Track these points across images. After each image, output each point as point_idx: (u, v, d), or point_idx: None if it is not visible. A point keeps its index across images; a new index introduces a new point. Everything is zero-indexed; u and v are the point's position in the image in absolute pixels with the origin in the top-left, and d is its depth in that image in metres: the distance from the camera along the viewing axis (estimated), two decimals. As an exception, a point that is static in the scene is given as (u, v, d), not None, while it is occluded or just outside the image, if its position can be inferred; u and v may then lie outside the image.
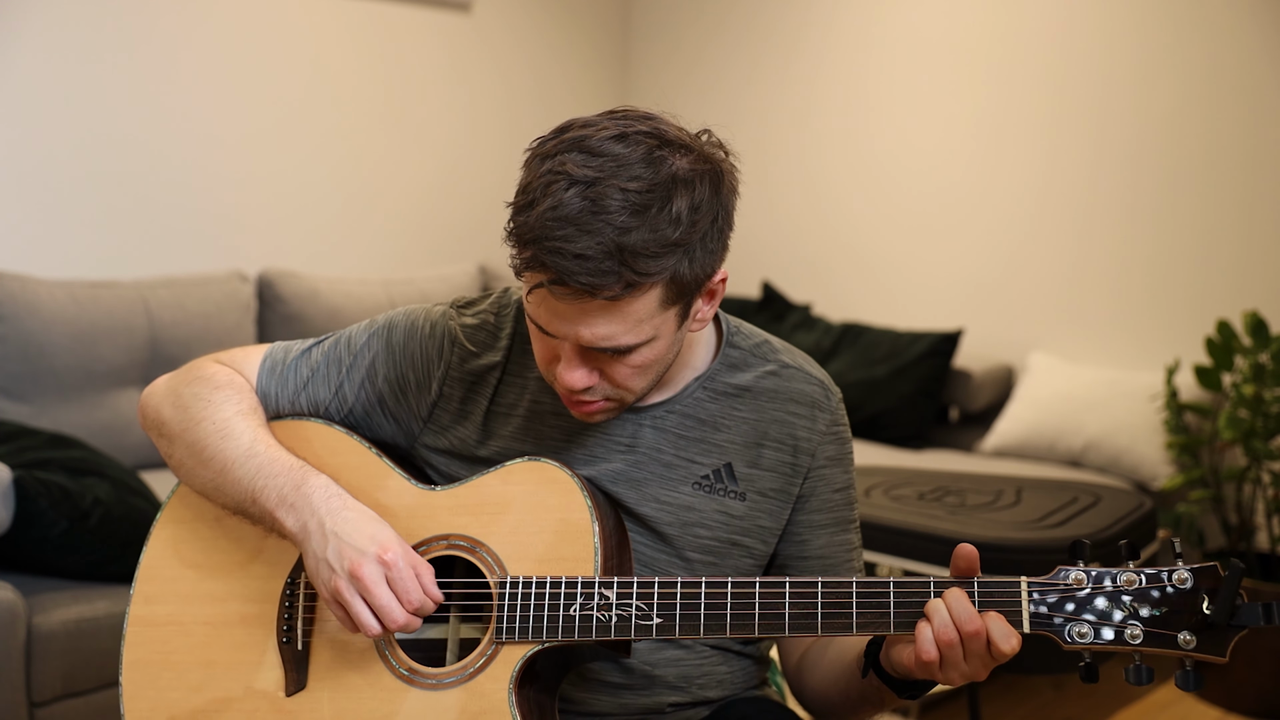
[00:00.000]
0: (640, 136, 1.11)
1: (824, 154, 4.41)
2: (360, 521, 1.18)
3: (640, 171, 1.08)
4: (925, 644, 1.07)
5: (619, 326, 1.12)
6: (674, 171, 1.10)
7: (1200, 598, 1.03)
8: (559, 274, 1.07)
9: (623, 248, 1.06)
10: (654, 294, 1.11)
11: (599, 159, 1.09)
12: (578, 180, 1.07)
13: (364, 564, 1.15)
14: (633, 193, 1.07)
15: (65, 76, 3.33)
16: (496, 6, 4.42)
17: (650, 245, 1.07)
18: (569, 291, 1.08)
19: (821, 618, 1.12)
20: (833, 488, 1.34)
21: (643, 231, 1.07)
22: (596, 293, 1.08)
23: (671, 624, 1.15)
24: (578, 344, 1.13)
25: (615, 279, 1.07)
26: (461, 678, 1.18)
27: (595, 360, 1.16)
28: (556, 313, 1.12)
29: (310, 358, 1.37)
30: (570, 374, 1.15)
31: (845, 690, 1.25)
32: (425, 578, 1.18)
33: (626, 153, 1.09)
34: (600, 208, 1.06)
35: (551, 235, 1.06)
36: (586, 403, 1.20)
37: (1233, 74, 3.45)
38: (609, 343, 1.12)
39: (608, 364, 1.16)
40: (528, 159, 1.14)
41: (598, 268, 1.06)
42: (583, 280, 1.07)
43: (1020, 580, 1.08)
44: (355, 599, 1.15)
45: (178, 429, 1.30)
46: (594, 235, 1.06)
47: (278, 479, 1.22)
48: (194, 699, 1.25)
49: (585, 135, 1.11)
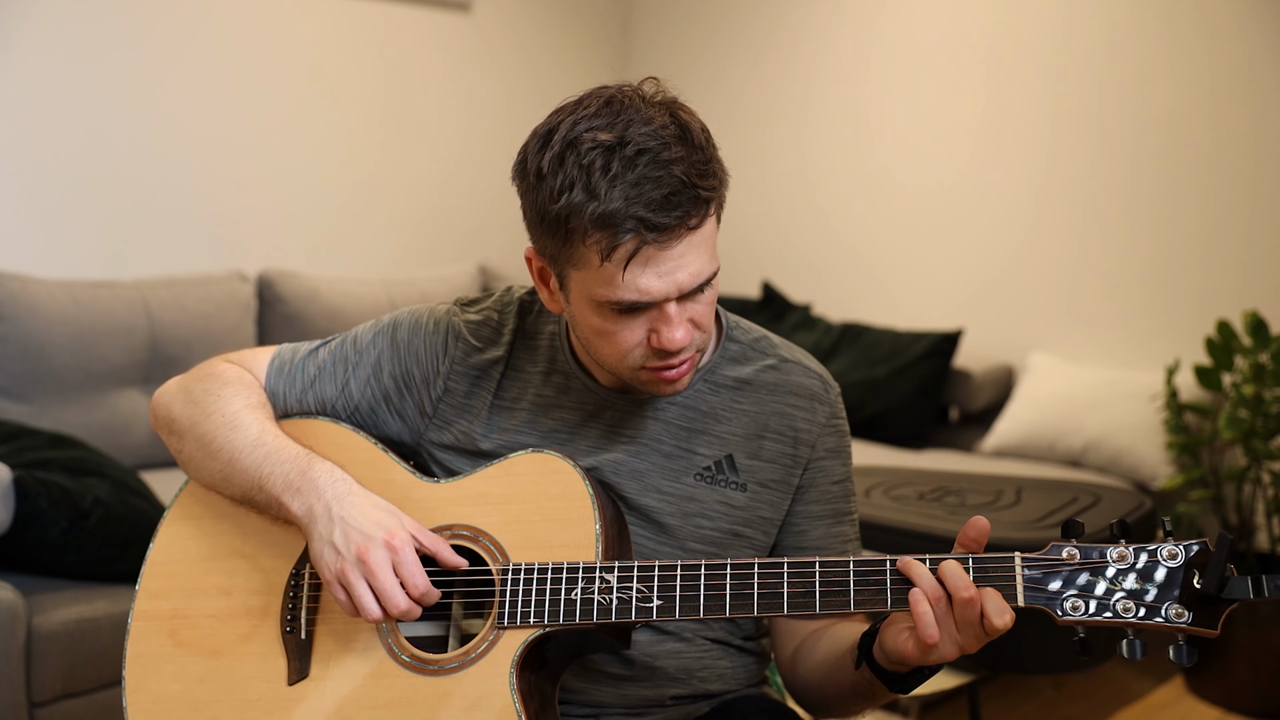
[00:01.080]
0: (615, 96, 1.16)
1: (824, 154, 4.41)
2: (366, 507, 1.20)
3: (649, 114, 1.14)
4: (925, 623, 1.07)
5: (705, 255, 1.16)
6: (665, 104, 1.16)
7: (1191, 572, 1.05)
8: (655, 223, 1.10)
9: (687, 173, 1.12)
10: (713, 212, 1.17)
11: (609, 121, 1.13)
12: (610, 145, 1.12)
13: (371, 548, 1.16)
14: (659, 127, 1.12)
15: (65, 77, 3.33)
16: (496, 6, 4.42)
17: (699, 164, 1.13)
18: (667, 236, 1.12)
19: (820, 595, 1.13)
20: (831, 479, 1.36)
21: (689, 154, 1.13)
22: (687, 221, 1.12)
23: (671, 605, 1.15)
24: (680, 292, 1.15)
25: (696, 203, 1.12)
26: (463, 663, 1.19)
27: (685, 310, 1.18)
28: (657, 270, 1.14)
29: (317, 357, 1.40)
30: (675, 333, 1.17)
31: (838, 682, 1.26)
32: (444, 553, 1.20)
33: (625, 108, 1.14)
34: (646, 151, 1.11)
35: (629, 197, 1.10)
36: (682, 363, 1.21)
37: (1233, 74, 3.45)
38: (703, 276, 1.16)
39: (694, 308, 1.19)
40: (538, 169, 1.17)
41: (682, 199, 1.11)
42: (676, 215, 1.11)
43: (1015, 555, 1.10)
44: (360, 583, 1.16)
45: (187, 424, 1.33)
46: (661, 173, 1.10)
47: (284, 465, 1.24)
48: (197, 690, 1.26)
49: (576, 119, 1.15)
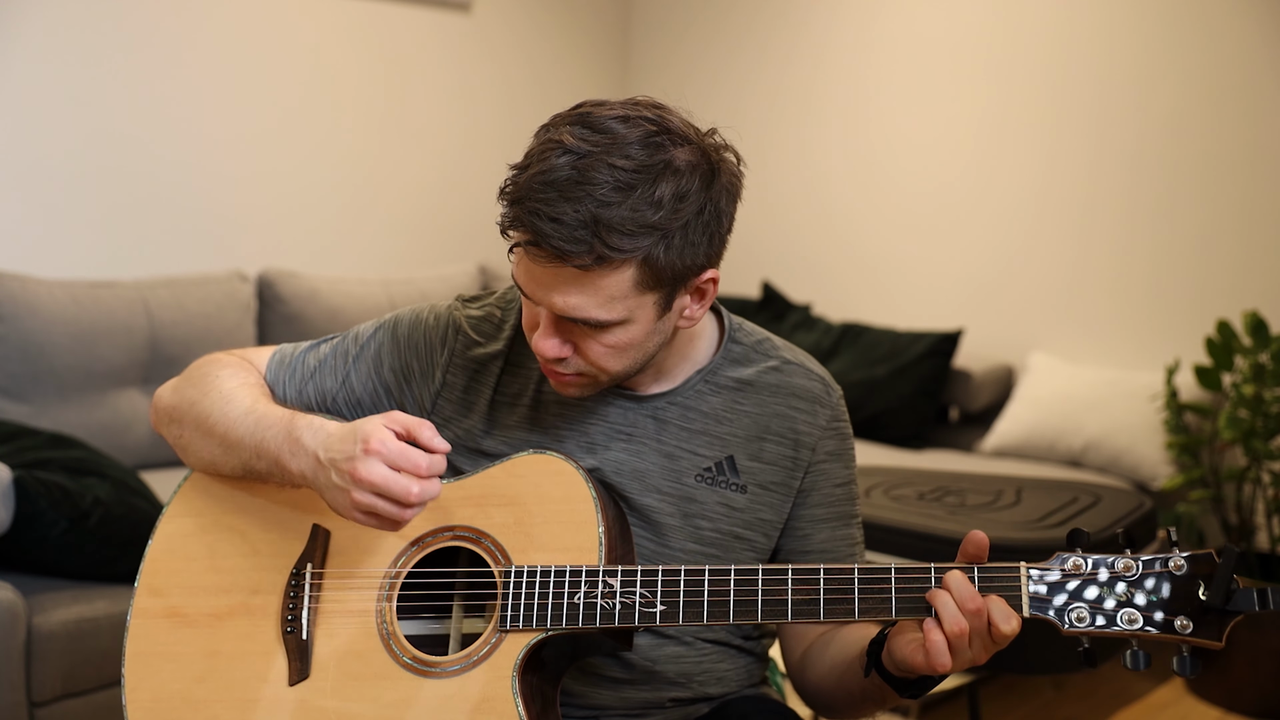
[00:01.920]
0: (643, 121, 1.14)
1: (824, 154, 4.41)
2: (341, 434, 1.18)
3: (633, 152, 1.12)
4: (938, 652, 1.06)
5: (589, 299, 1.14)
6: (668, 159, 1.12)
7: (1196, 584, 1.04)
8: (535, 235, 1.11)
9: (598, 220, 1.09)
10: (627, 273, 1.13)
11: (597, 134, 1.12)
12: (571, 150, 1.11)
13: (359, 465, 1.13)
14: (620, 170, 1.10)
15: (65, 77, 3.33)
16: (496, 6, 4.42)
17: (626, 223, 1.10)
18: (543, 254, 1.12)
19: (824, 604, 1.12)
20: (834, 482, 1.35)
21: (622, 209, 1.10)
22: (567, 260, 1.11)
23: (675, 611, 1.15)
24: (550, 310, 1.16)
25: (586, 249, 1.10)
26: (466, 665, 1.18)
27: (570, 332, 1.19)
28: (533, 276, 1.15)
29: (318, 351, 1.40)
30: (543, 341, 1.19)
31: (847, 687, 1.26)
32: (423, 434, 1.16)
33: (625, 132, 1.13)
34: (585, 179, 1.10)
35: (534, 197, 1.10)
36: (560, 374, 1.23)
37: (1233, 74, 3.45)
38: (579, 314, 1.15)
39: (582, 339, 1.19)
40: (539, 128, 1.18)
41: (571, 235, 1.09)
42: (555, 244, 1.10)
43: (1020, 565, 1.09)
44: (375, 500, 1.14)
45: (186, 405, 1.33)
46: (573, 203, 1.09)
47: (273, 429, 1.24)
48: (196, 689, 1.25)
49: (591, 112, 1.15)
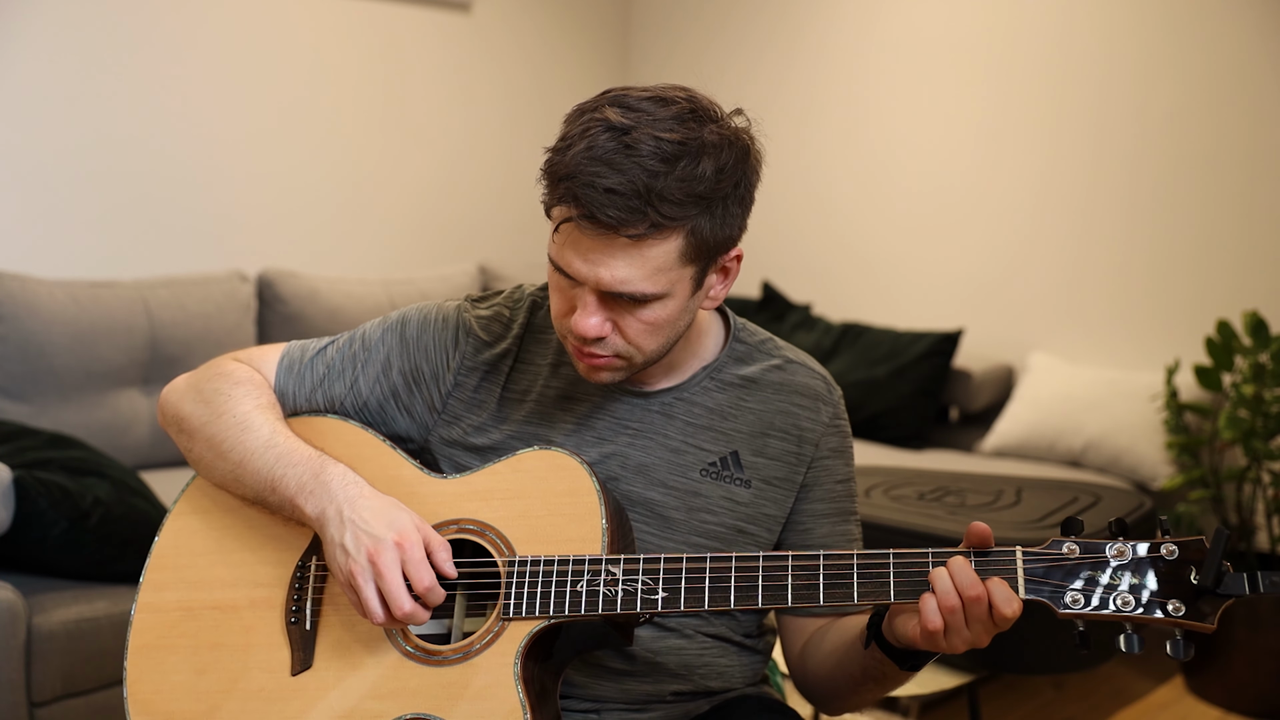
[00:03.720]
0: (676, 100, 1.17)
1: (824, 154, 4.41)
2: (378, 508, 1.20)
3: (673, 126, 1.14)
4: (930, 614, 1.09)
5: (638, 271, 1.15)
6: (703, 135, 1.15)
7: (1188, 568, 1.07)
8: (588, 208, 1.12)
9: (650, 189, 1.11)
10: (674, 243, 1.15)
11: (635, 112, 1.15)
12: (614, 126, 1.13)
13: (381, 550, 1.16)
14: (665, 141, 1.13)
15: (66, 77, 3.33)
16: (496, 6, 4.42)
17: (676, 192, 1.12)
18: (596, 227, 1.13)
19: (824, 589, 1.13)
20: (835, 478, 1.37)
21: (670, 179, 1.12)
22: (621, 229, 1.12)
23: (676, 598, 1.16)
24: (597, 287, 1.16)
25: (641, 217, 1.12)
26: (468, 654, 1.19)
27: (611, 310, 1.19)
28: (581, 251, 1.15)
29: (326, 355, 1.40)
30: (586, 320, 1.18)
31: (848, 669, 1.27)
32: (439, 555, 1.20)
33: (661, 110, 1.15)
34: (633, 150, 1.12)
35: (584, 171, 1.12)
36: (596, 355, 1.22)
37: (1233, 74, 3.45)
38: (627, 287, 1.16)
39: (622, 316, 1.19)
40: (568, 116, 1.19)
41: (625, 204, 1.11)
42: (611, 214, 1.11)
43: (1016, 549, 1.11)
44: (368, 585, 1.16)
45: (198, 423, 1.33)
46: (624, 174, 1.11)
47: (297, 468, 1.25)
48: (199, 681, 1.26)
49: (625, 94, 1.17)
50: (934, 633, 1.09)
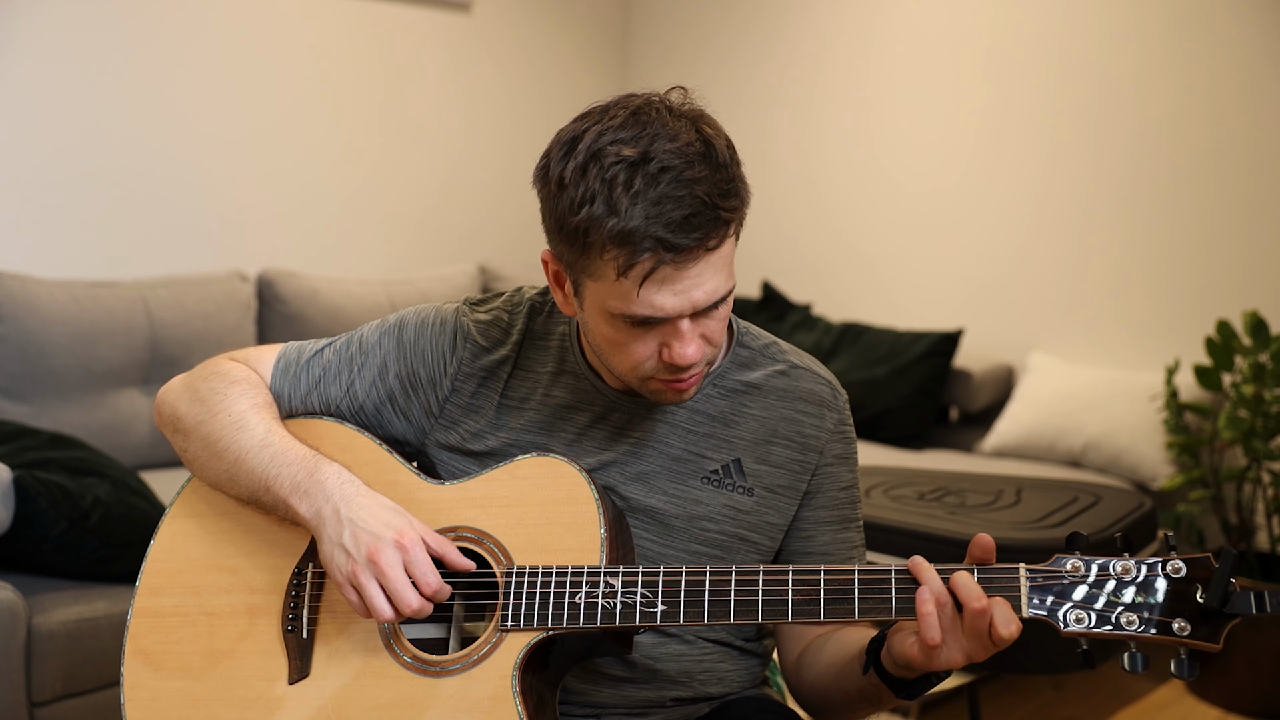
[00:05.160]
0: (643, 108, 1.14)
1: (824, 154, 4.41)
2: (375, 507, 1.20)
3: (675, 128, 1.12)
4: (930, 628, 1.07)
5: (721, 275, 1.15)
6: (691, 117, 1.14)
7: (1194, 586, 1.05)
8: (674, 245, 1.09)
9: (709, 193, 1.10)
10: (731, 235, 1.16)
11: (634, 135, 1.11)
12: (634, 161, 1.10)
13: (382, 549, 1.16)
14: (685, 144, 1.11)
15: (66, 77, 3.33)
16: (496, 6, 4.42)
17: (722, 183, 1.12)
18: (684, 257, 1.11)
19: (824, 604, 1.12)
20: (839, 485, 1.36)
21: (712, 173, 1.11)
22: (706, 243, 1.11)
23: (676, 610, 1.15)
24: (693, 310, 1.15)
25: (716, 224, 1.11)
26: (466, 665, 1.18)
27: (699, 325, 1.18)
28: (673, 289, 1.13)
29: (322, 357, 1.39)
30: (687, 349, 1.17)
31: (844, 687, 1.26)
32: (451, 554, 1.19)
33: (651, 121, 1.12)
34: (669, 169, 1.10)
35: (649, 215, 1.08)
36: (691, 376, 1.21)
37: (1233, 74, 3.45)
38: (718, 295, 1.16)
39: (707, 324, 1.19)
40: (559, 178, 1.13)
41: (702, 220, 1.10)
42: (696, 237, 1.10)
43: (1019, 566, 1.09)
44: (371, 584, 1.16)
45: (193, 423, 1.32)
46: (684, 193, 1.09)
47: (291, 467, 1.24)
48: (196, 688, 1.25)
49: (601, 131, 1.12)
50: (934, 648, 1.08)
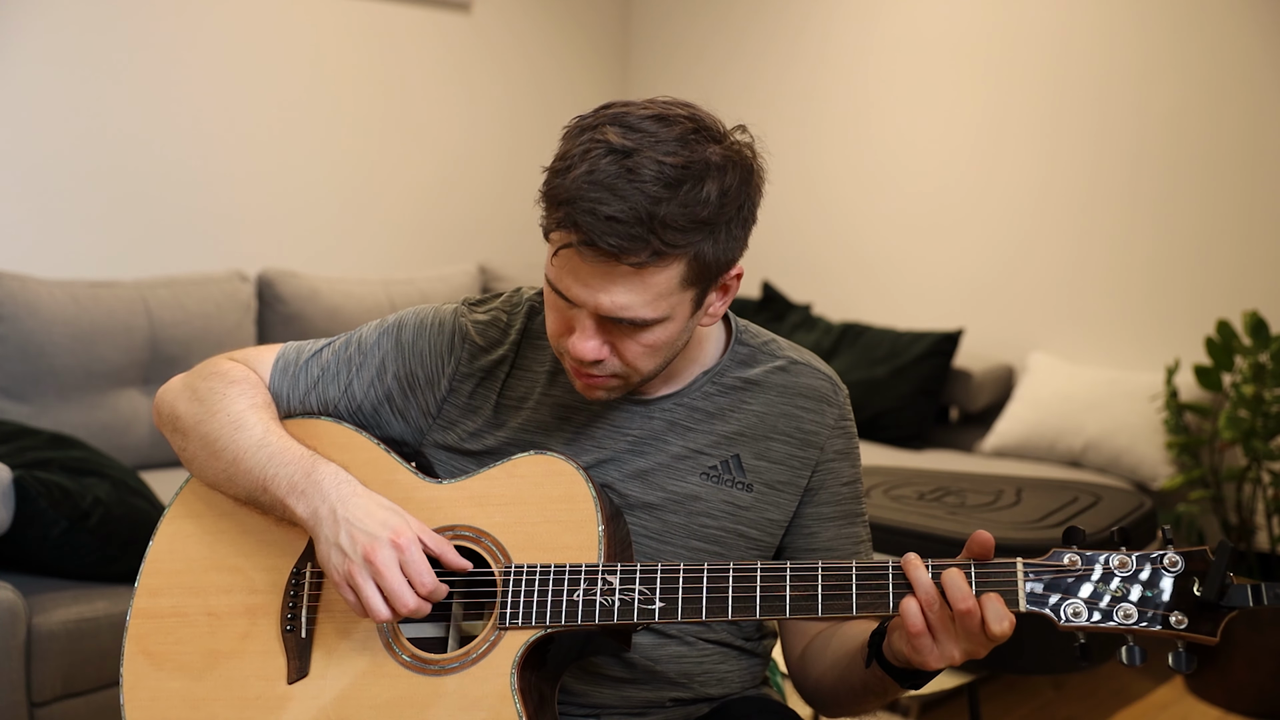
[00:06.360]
0: (679, 119, 1.14)
1: (824, 154, 4.41)
2: (372, 507, 1.20)
3: (676, 149, 1.12)
4: (912, 617, 1.07)
5: (639, 297, 1.13)
6: (707, 156, 1.13)
7: (1191, 580, 1.05)
8: (589, 235, 1.09)
9: (654, 216, 1.09)
10: (676, 270, 1.14)
11: (637, 133, 1.12)
12: (615, 149, 1.10)
13: (378, 548, 1.16)
14: (668, 165, 1.10)
15: (66, 77, 3.33)
16: (496, 6, 4.42)
17: (679, 219, 1.10)
18: (597, 254, 1.10)
19: (822, 600, 1.12)
20: (841, 481, 1.36)
21: (674, 205, 1.10)
22: (623, 257, 1.10)
23: (674, 607, 1.15)
24: (596, 312, 1.15)
25: (643, 245, 1.10)
26: (464, 663, 1.19)
27: (610, 333, 1.18)
28: (580, 277, 1.13)
29: (321, 358, 1.39)
30: (584, 343, 1.17)
31: (849, 681, 1.26)
32: (448, 554, 1.19)
33: (663, 131, 1.13)
34: (635, 175, 1.09)
35: (586, 197, 1.09)
36: (593, 376, 1.21)
37: (1233, 74, 3.45)
38: (626, 313, 1.14)
39: (621, 339, 1.18)
40: (566, 131, 1.16)
41: (628, 232, 1.09)
42: (612, 242, 1.09)
43: (1016, 561, 1.10)
44: (368, 584, 1.16)
45: (192, 422, 1.32)
46: (627, 200, 1.09)
47: (288, 467, 1.24)
48: (195, 688, 1.25)
49: (626, 111, 1.14)
50: (918, 636, 1.08)
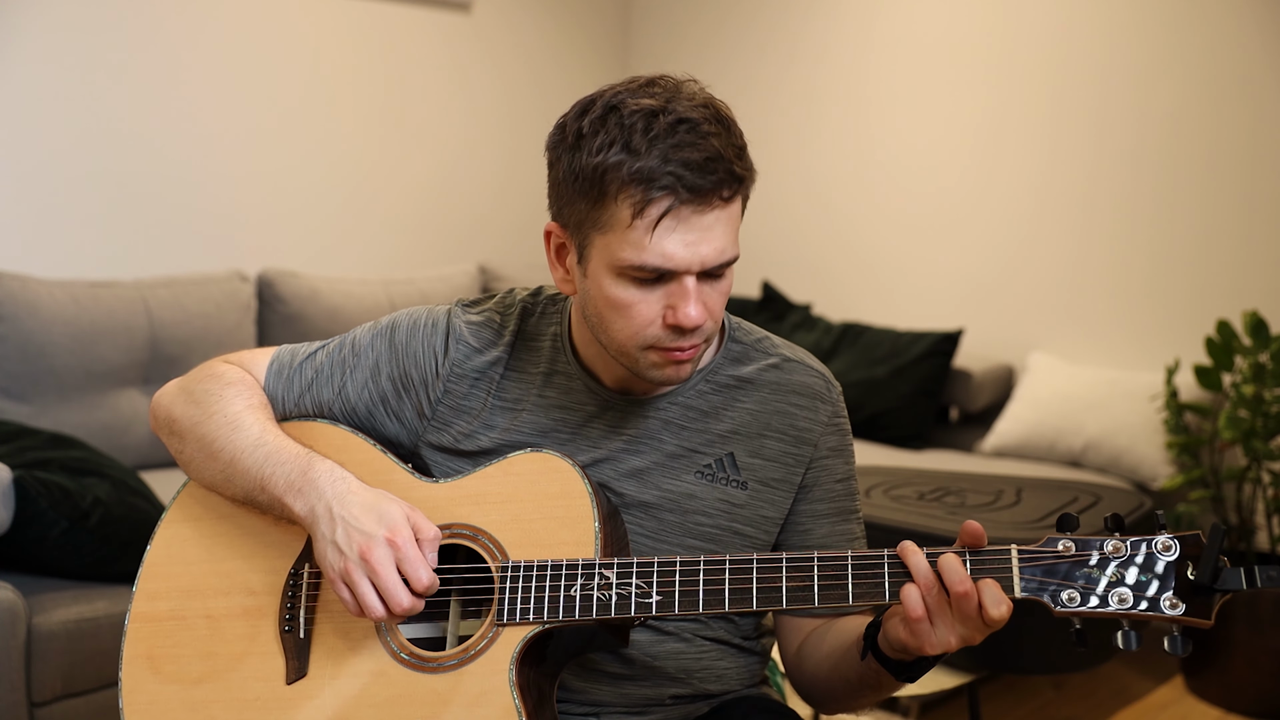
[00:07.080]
0: (654, 81, 1.18)
1: (824, 154, 4.41)
2: (367, 503, 1.20)
3: (691, 91, 1.17)
4: (912, 602, 1.08)
5: (731, 235, 1.17)
6: (705, 97, 1.18)
7: (1184, 564, 1.06)
8: (691, 184, 1.12)
9: (725, 146, 1.14)
10: (740, 198, 1.18)
11: (650, 97, 1.15)
12: (653, 110, 1.13)
13: (374, 547, 1.16)
14: (701, 106, 1.15)
15: (66, 77, 3.33)
16: (496, 6, 4.42)
17: (735, 146, 1.16)
18: (698, 202, 1.13)
19: (819, 590, 1.13)
20: (835, 478, 1.36)
21: (730, 135, 1.16)
22: (721, 191, 1.14)
23: (671, 601, 1.15)
24: (702, 267, 1.16)
25: (731, 176, 1.14)
26: (463, 660, 1.19)
27: (703, 291, 1.19)
28: (685, 235, 1.14)
29: (315, 360, 1.39)
30: (695, 308, 1.17)
31: (844, 674, 1.26)
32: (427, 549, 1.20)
33: (668, 86, 1.17)
34: (686, 120, 1.13)
35: (673, 155, 1.11)
36: (694, 347, 1.21)
37: (1233, 74, 3.45)
38: (726, 256, 1.17)
39: (709, 294, 1.19)
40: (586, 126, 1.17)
41: (718, 167, 1.13)
42: (713, 179, 1.12)
43: (1011, 547, 1.10)
44: (363, 582, 1.16)
45: (188, 424, 1.33)
46: (705, 139, 1.13)
47: (285, 466, 1.25)
48: (194, 691, 1.26)
49: (615, 92, 1.18)
50: (918, 621, 1.08)
